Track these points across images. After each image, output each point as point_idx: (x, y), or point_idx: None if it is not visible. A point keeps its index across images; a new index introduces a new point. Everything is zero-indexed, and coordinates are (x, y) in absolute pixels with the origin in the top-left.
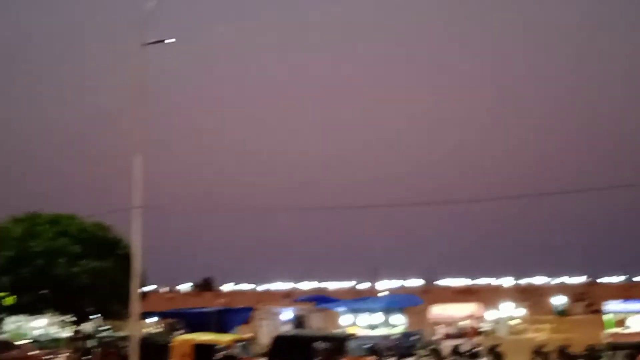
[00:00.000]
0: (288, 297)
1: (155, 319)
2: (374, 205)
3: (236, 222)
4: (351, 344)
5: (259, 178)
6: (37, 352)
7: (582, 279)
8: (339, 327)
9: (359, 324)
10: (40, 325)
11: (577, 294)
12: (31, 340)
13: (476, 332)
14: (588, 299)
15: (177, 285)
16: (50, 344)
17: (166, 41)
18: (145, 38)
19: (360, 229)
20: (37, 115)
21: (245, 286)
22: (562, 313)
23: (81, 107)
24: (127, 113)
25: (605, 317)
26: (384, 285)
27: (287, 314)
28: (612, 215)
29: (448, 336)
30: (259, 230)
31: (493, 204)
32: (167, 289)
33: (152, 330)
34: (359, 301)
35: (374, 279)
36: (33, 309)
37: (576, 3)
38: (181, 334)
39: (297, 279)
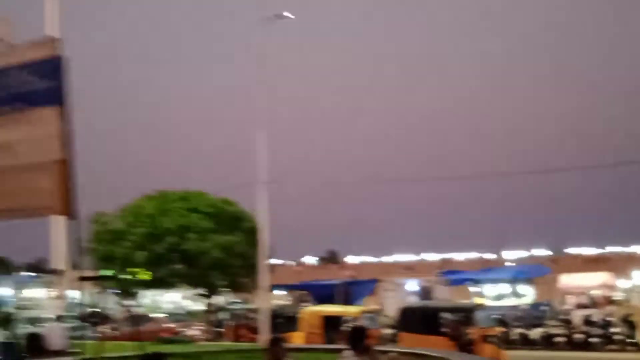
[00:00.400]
0: (411, 269)
1: (284, 291)
2: (499, 172)
3: (360, 194)
4: (479, 315)
5: (384, 150)
6: (171, 324)
7: None
8: (466, 298)
9: (485, 295)
10: (174, 299)
11: None
12: (166, 314)
13: (608, 302)
14: None
15: (303, 258)
16: (184, 317)
17: (284, 13)
18: (264, 13)
19: (485, 197)
20: (162, 94)
21: (369, 258)
22: None
23: (206, 83)
24: (252, 89)
25: None
26: (511, 255)
27: (412, 285)
28: None
29: (579, 306)
30: (383, 201)
31: (621, 168)
32: (293, 262)
33: (281, 302)
34: (486, 272)
35: (500, 249)
36: (167, 283)
37: None
38: (309, 306)
39: (422, 251)
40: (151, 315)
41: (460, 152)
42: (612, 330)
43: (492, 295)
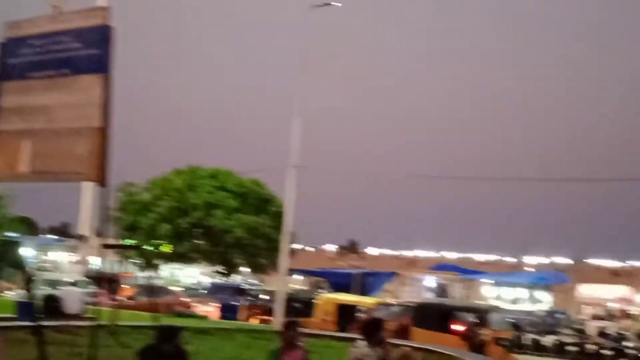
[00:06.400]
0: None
1: (301, 276)
2: (523, 178)
3: (385, 186)
4: (493, 317)
5: (412, 144)
6: (187, 299)
7: None
8: (482, 299)
9: (502, 298)
10: (193, 274)
11: None
12: (183, 288)
13: (625, 316)
14: None
15: (323, 245)
16: (200, 293)
17: (332, 3)
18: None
19: (510, 201)
20: (202, 74)
21: (388, 251)
22: None
23: (246, 67)
24: (291, 75)
25: None
26: (530, 261)
27: (431, 281)
28: None
29: (595, 317)
30: (406, 196)
31: None
32: (313, 248)
33: (298, 287)
34: (504, 275)
35: (520, 253)
36: (188, 258)
37: None
38: (325, 293)
39: (442, 248)
40: (168, 288)
41: (493, 154)
42: (626, 344)
43: (509, 298)
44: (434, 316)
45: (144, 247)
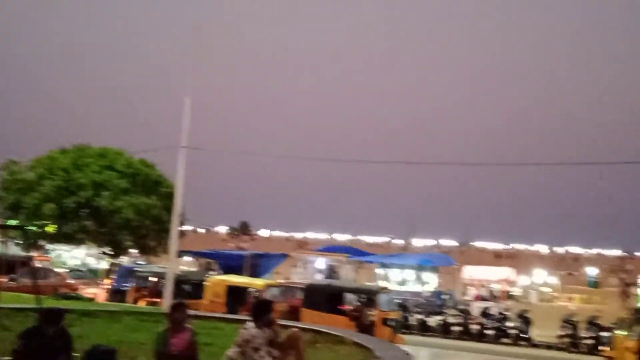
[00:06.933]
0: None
1: (191, 258)
2: (408, 162)
3: (276, 169)
4: (382, 298)
5: (301, 127)
6: (74, 281)
7: (617, 252)
8: (371, 280)
9: (390, 279)
10: (78, 256)
11: (611, 266)
12: (68, 269)
13: (507, 296)
14: (623, 272)
15: (214, 226)
16: (87, 275)
17: None
18: None
19: (398, 184)
20: (94, 53)
21: (280, 233)
22: (595, 284)
23: (135, 47)
24: (181, 55)
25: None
26: (418, 243)
27: (321, 263)
28: None
29: (478, 298)
30: (297, 178)
31: (533, 169)
32: (204, 230)
33: (188, 268)
34: (393, 256)
35: (408, 235)
36: (74, 238)
37: None
38: (215, 275)
39: (333, 230)
40: (53, 269)
41: (375, 137)
42: (508, 324)
43: (397, 279)
44: (323, 297)
45: (28, 227)
